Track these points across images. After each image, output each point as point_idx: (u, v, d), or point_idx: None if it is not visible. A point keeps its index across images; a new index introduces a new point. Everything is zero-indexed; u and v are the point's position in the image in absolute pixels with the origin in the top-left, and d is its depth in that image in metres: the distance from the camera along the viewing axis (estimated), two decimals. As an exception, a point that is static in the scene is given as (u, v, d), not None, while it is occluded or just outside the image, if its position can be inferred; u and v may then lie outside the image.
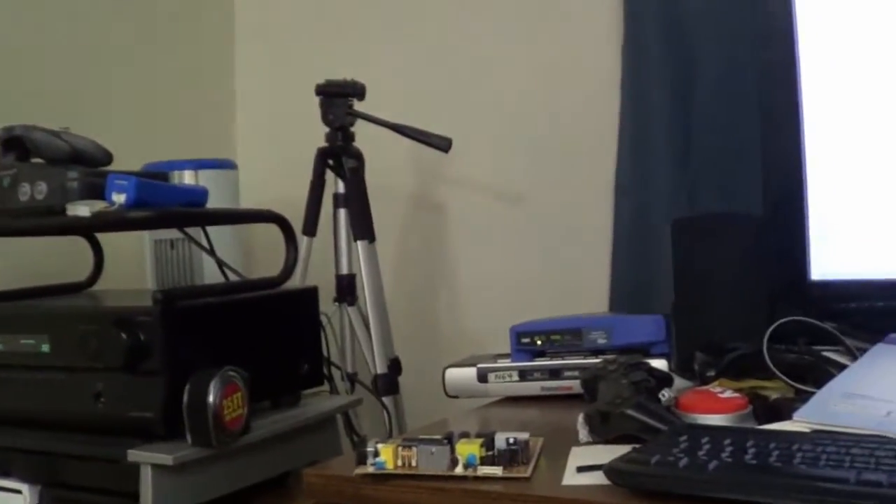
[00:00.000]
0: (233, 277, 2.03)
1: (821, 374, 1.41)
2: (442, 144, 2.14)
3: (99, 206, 1.68)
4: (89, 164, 1.82)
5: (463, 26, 2.50)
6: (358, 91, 2.18)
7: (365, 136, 2.23)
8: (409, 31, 2.58)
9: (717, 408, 1.35)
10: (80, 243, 2.08)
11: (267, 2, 2.84)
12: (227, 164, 2.33)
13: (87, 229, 2.01)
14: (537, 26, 2.39)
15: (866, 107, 1.57)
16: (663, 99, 2.13)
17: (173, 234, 2.18)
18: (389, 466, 1.20)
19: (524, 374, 1.69)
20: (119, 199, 1.66)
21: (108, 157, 1.87)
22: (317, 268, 2.24)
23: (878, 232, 1.57)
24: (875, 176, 1.56)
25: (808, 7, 1.61)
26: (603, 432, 1.31)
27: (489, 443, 1.19)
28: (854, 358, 1.45)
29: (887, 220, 1.56)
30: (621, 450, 1.17)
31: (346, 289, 2.25)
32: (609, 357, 1.51)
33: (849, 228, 1.59)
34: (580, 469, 1.18)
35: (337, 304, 2.25)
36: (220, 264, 2.02)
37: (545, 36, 2.38)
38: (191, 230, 2.03)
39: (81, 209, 1.69)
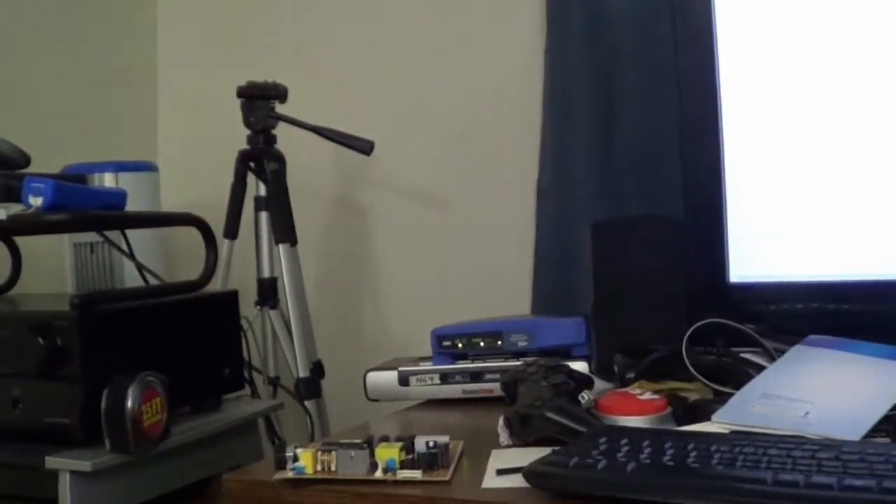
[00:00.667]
0: (153, 281, 2.01)
1: (739, 375, 1.42)
2: (364, 147, 2.13)
3: (15, 208, 1.66)
4: (6, 165, 1.80)
5: (386, 29, 2.49)
6: (280, 93, 2.18)
7: (287, 139, 2.22)
8: (332, 33, 2.57)
9: (636, 409, 1.36)
10: (-3, 247, 2.05)
11: (189, 3, 2.82)
12: (147, 167, 2.30)
13: (3, 232, 1.98)
14: (461, 30, 2.39)
15: (784, 110, 1.58)
16: (585, 102, 2.13)
17: (93, 237, 2.15)
18: (309, 471, 1.20)
19: (445, 378, 1.69)
20: (36, 201, 1.64)
21: (25, 159, 1.85)
22: (239, 271, 2.23)
23: (796, 235, 1.59)
24: (793, 179, 1.58)
25: (728, 12, 1.62)
26: (523, 435, 1.32)
27: (409, 446, 1.19)
28: (772, 359, 1.46)
29: (805, 222, 1.58)
30: (541, 452, 1.17)
31: (268, 292, 2.24)
32: (529, 360, 1.51)
33: (768, 231, 1.61)
34: (500, 472, 1.19)
35: (259, 307, 2.24)
36: (140, 268, 2.00)
37: (468, 39, 2.38)
38: (111, 233, 2.01)
39: (-3, 212, 1.67)
